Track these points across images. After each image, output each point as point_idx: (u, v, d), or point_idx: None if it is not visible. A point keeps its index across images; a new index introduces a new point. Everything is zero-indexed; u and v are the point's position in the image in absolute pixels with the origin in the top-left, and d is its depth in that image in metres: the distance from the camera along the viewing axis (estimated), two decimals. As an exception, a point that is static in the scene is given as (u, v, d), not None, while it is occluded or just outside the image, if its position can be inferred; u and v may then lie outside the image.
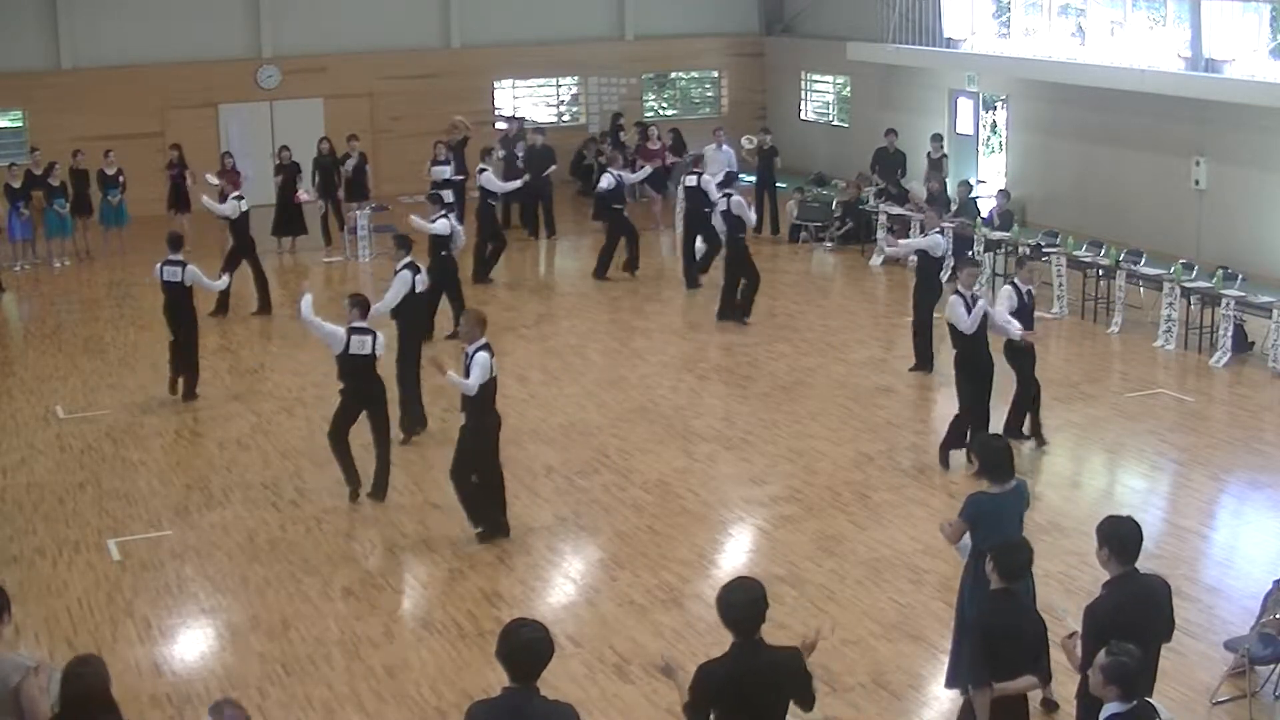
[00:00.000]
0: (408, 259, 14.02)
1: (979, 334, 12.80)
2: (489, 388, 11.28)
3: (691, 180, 19.81)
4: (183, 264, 15.27)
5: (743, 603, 6.10)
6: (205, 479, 13.26)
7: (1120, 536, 6.88)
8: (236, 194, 19.44)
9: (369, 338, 12.26)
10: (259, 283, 19.27)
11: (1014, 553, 7.05)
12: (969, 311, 12.67)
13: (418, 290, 14.06)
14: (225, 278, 17.23)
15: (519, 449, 13.71)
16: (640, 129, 25.99)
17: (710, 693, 6.10)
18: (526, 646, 5.74)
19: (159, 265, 15.35)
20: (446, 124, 23.85)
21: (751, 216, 18.70)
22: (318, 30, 26.74)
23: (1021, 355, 13.40)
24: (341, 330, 12.22)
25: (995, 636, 6.82)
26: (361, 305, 12.38)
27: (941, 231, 15.99)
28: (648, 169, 23.07)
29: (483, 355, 11.13)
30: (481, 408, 11.30)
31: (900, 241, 17.24)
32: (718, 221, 18.87)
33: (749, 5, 30.11)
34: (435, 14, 27.71)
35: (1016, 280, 13.59)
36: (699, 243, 20.05)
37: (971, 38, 24.56)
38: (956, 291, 12.83)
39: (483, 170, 21.08)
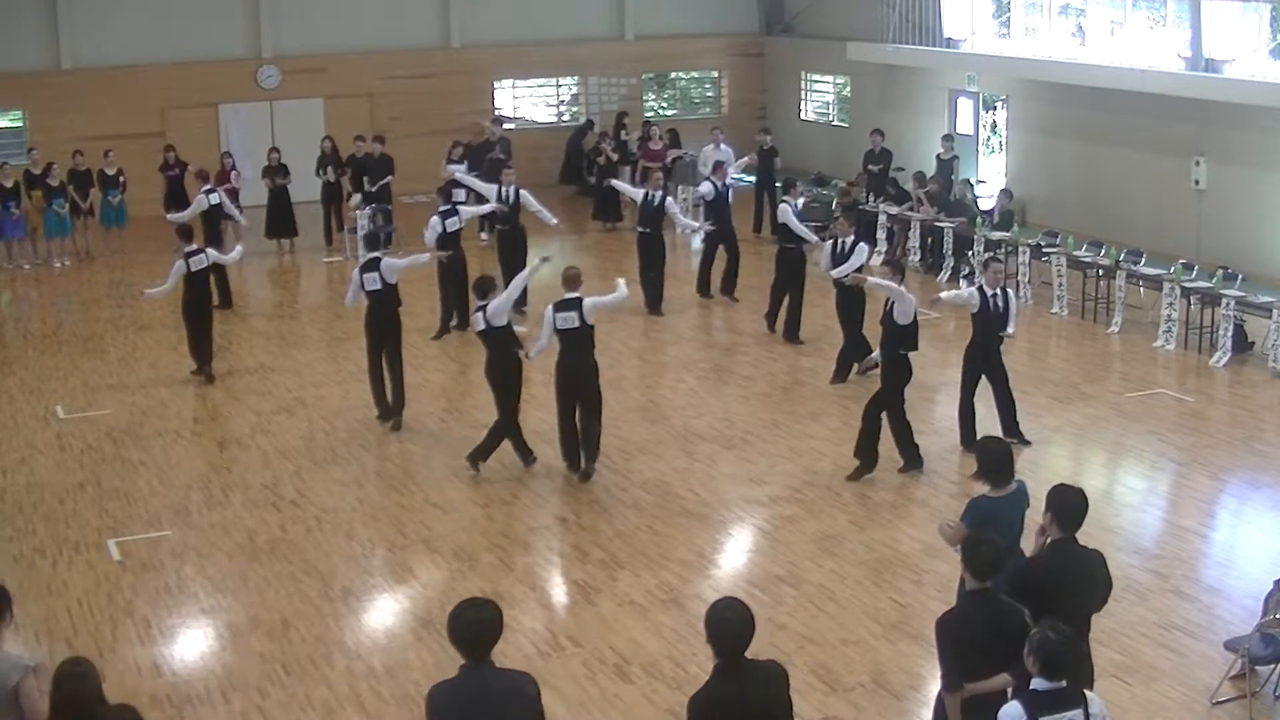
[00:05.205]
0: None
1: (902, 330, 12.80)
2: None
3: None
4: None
5: (732, 621, 5.93)
6: (205, 479, 13.27)
7: (1067, 504, 7.23)
8: (207, 187, 19.50)
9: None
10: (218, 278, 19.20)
11: (981, 548, 6.88)
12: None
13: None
14: (239, 248, 17.58)
15: (519, 449, 13.76)
16: (644, 126, 25.97)
17: None
18: (471, 626, 5.88)
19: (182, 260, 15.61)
20: (469, 124, 23.79)
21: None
22: (318, 30, 26.75)
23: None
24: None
25: (964, 643, 6.76)
26: (485, 285, 13.03)
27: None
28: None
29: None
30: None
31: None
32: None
33: (749, 5, 30.11)
34: (435, 14, 27.71)
35: (983, 284, 13.29)
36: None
37: (971, 38, 24.55)
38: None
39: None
